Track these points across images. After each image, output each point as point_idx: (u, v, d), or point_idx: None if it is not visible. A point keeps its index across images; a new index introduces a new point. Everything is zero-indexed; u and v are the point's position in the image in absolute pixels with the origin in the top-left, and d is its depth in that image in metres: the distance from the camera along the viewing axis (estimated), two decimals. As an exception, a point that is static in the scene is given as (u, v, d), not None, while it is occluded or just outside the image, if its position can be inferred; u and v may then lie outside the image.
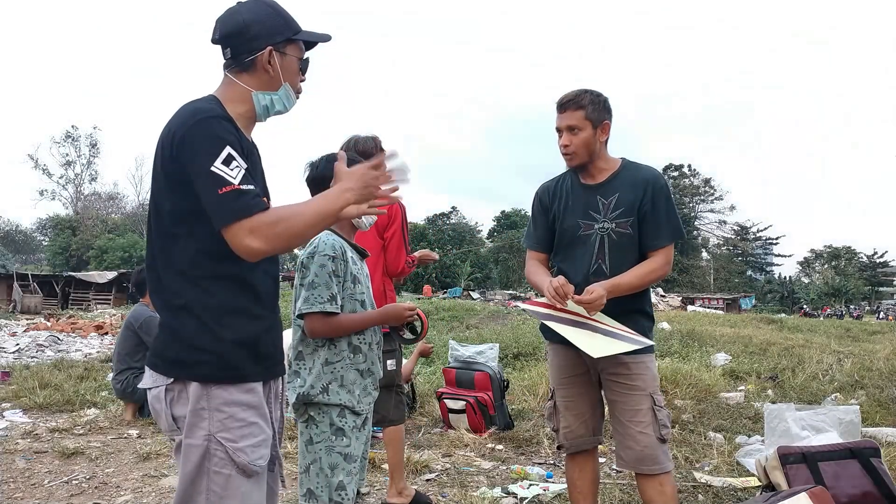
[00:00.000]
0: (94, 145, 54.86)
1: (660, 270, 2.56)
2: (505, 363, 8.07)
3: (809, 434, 3.53)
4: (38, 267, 48.99)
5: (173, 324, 1.64)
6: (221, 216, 1.51)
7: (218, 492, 1.59)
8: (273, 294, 1.79)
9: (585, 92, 2.58)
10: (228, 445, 1.59)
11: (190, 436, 1.59)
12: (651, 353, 2.59)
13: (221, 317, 1.62)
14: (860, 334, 13.39)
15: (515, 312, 17.37)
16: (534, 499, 3.55)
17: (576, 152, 2.57)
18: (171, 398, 1.62)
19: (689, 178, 64.48)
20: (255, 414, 1.64)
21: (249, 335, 1.66)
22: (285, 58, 1.75)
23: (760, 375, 7.54)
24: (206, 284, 1.61)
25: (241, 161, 1.55)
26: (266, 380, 1.74)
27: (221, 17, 1.74)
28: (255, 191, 1.54)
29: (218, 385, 1.60)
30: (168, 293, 1.64)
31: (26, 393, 6.48)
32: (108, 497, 3.65)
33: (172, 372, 1.62)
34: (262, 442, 1.66)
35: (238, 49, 1.71)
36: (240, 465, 1.60)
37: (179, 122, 1.60)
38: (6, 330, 15.05)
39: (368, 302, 2.39)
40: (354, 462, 2.25)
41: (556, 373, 2.74)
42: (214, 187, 1.51)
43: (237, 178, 1.52)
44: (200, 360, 1.59)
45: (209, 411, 1.59)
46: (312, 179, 2.40)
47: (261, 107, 1.75)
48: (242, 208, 1.50)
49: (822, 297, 50.08)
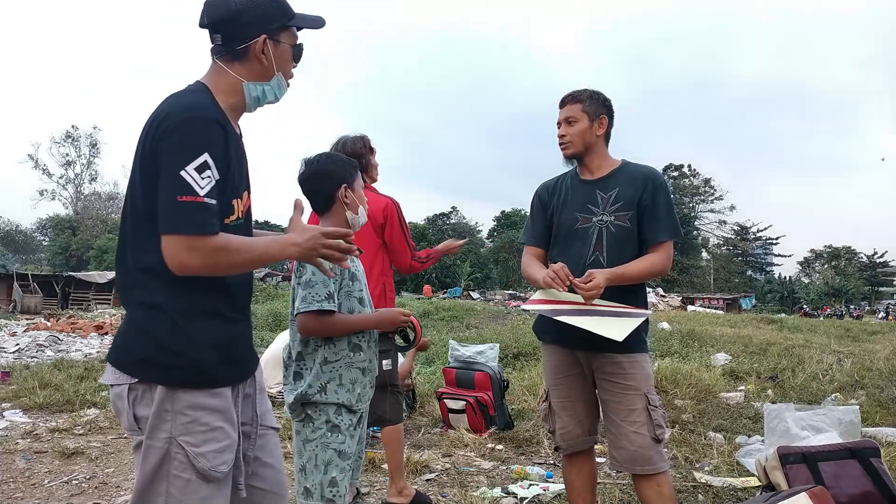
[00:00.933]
0: (94, 145, 54.99)
1: (661, 265, 2.56)
2: (505, 363, 8.07)
3: (809, 434, 3.52)
4: (38, 267, 48.99)
5: (143, 322, 1.57)
6: (171, 223, 1.45)
7: (176, 495, 1.54)
8: (247, 297, 1.75)
9: (585, 89, 2.66)
10: (189, 450, 1.53)
11: (151, 437, 1.53)
12: (645, 353, 2.59)
13: (195, 319, 1.57)
14: (860, 334, 13.39)
15: (515, 312, 17.38)
16: (534, 499, 3.55)
17: (571, 141, 2.62)
18: (133, 397, 1.55)
19: (689, 178, 64.48)
20: (220, 418, 1.58)
21: (223, 338, 1.61)
22: (279, 46, 1.67)
23: (760, 375, 7.54)
24: (180, 285, 1.53)
25: (215, 171, 1.48)
26: (236, 383, 1.68)
27: (210, 0, 1.64)
28: (215, 209, 1.48)
29: (184, 388, 1.54)
30: (140, 291, 1.57)
31: (26, 393, 6.48)
32: (108, 497, 3.65)
33: (139, 372, 1.55)
34: (226, 447, 1.59)
35: (229, 36, 1.62)
36: (200, 470, 1.54)
37: (167, 114, 1.52)
38: (6, 330, 15.04)
39: (367, 299, 2.39)
40: (349, 459, 2.25)
41: (551, 373, 2.74)
42: (175, 191, 1.44)
43: (204, 188, 1.45)
44: (170, 364, 1.53)
45: (173, 413, 1.53)
46: (309, 176, 2.36)
47: (252, 98, 1.68)
48: (196, 224, 1.44)
49: (822, 297, 50.05)
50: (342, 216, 2.38)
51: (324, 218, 2.39)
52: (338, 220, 2.38)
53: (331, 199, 2.35)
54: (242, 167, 1.69)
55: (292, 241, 1.59)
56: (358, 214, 2.40)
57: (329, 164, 2.38)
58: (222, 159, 1.52)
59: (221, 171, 1.52)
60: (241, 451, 1.68)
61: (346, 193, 2.35)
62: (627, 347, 2.49)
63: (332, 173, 2.35)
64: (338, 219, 2.38)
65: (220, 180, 1.51)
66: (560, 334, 2.66)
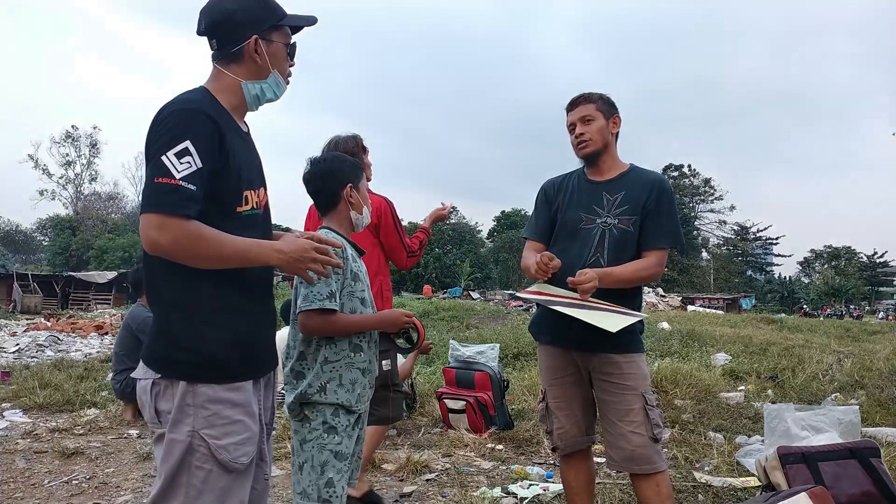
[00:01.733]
0: (94, 145, 54.86)
1: (652, 269, 2.55)
2: (505, 363, 8.07)
3: (809, 434, 3.52)
4: (38, 267, 48.94)
5: (162, 320, 1.66)
6: (145, 201, 1.51)
7: (197, 486, 1.60)
8: (265, 285, 1.80)
9: (593, 92, 2.67)
10: (211, 442, 1.60)
11: (174, 431, 1.60)
12: (642, 353, 2.59)
13: (211, 315, 1.63)
14: (860, 334, 13.37)
15: (515, 312, 17.37)
16: (534, 499, 3.54)
17: (592, 139, 2.62)
18: (156, 392, 1.63)
19: (688, 178, 64.45)
20: (241, 412, 1.65)
21: (239, 334, 1.68)
22: (272, 45, 1.75)
23: (760, 375, 7.53)
24: (195, 279, 1.60)
25: (197, 159, 1.54)
26: (256, 378, 1.74)
27: (205, 8, 1.73)
28: (192, 193, 1.52)
29: (203, 383, 1.61)
30: (159, 289, 1.66)
31: (26, 393, 6.47)
32: (108, 497, 3.65)
33: (160, 368, 1.63)
34: (247, 440, 1.66)
35: (224, 40, 1.71)
36: (221, 462, 1.61)
37: (161, 109, 1.61)
38: (6, 330, 15.04)
39: (368, 300, 2.38)
40: (345, 460, 2.24)
41: (547, 374, 2.74)
42: (153, 174, 1.52)
43: (181, 172, 1.52)
44: (185, 360, 1.61)
45: (194, 408, 1.60)
46: (315, 175, 2.35)
47: (251, 96, 1.76)
48: (167, 203, 1.49)
49: (822, 297, 50.07)
50: (346, 216, 2.37)
51: (327, 217, 2.39)
52: (341, 219, 2.37)
53: (336, 198, 2.35)
54: (252, 162, 1.77)
55: (277, 249, 1.65)
56: (362, 215, 2.40)
57: (335, 163, 2.38)
58: (211, 150, 1.58)
59: (209, 161, 1.57)
60: (264, 441, 1.76)
61: (352, 193, 2.35)
62: (624, 347, 2.49)
63: (338, 173, 2.35)
64: (341, 219, 2.37)
65: (203, 169, 1.55)
66: (556, 335, 2.66)
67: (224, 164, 1.61)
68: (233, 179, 1.65)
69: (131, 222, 52.45)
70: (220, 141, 1.60)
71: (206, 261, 1.57)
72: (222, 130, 1.62)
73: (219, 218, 1.60)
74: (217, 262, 1.59)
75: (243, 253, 1.60)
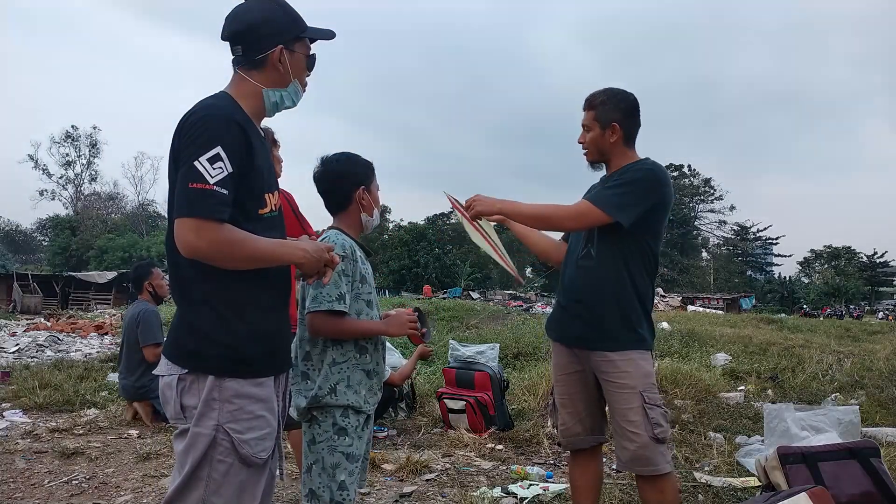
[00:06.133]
0: (94, 145, 54.95)
1: (561, 212, 2.53)
2: (505, 363, 8.05)
3: (809, 434, 3.52)
4: (38, 267, 48.99)
5: (191, 316, 1.69)
6: (181, 206, 1.56)
7: (218, 479, 1.65)
8: (287, 289, 1.86)
9: (603, 92, 2.62)
10: (235, 437, 1.64)
11: (199, 424, 1.64)
12: (643, 350, 2.52)
13: (239, 310, 1.68)
14: (860, 334, 13.35)
15: (515, 312, 17.38)
16: (534, 499, 3.54)
17: (588, 149, 2.65)
18: (182, 388, 1.66)
19: (688, 178, 64.46)
20: (263, 407, 1.70)
21: (266, 329, 1.74)
22: (294, 55, 1.81)
23: (760, 375, 7.52)
24: (223, 277, 1.65)
25: (228, 164, 1.60)
26: (278, 374, 1.81)
27: (231, 15, 1.78)
28: (225, 197, 1.58)
29: (231, 377, 1.65)
30: (186, 285, 1.69)
31: (26, 393, 6.47)
32: (108, 497, 3.65)
33: (188, 363, 1.66)
34: (267, 435, 1.71)
35: (249, 47, 1.77)
36: (242, 456, 1.66)
37: (189, 115, 1.65)
38: (6, 330, 15.03)
39: (374, 301, 2.38)
40: (357, 462, 2.24)
41: (554, 370, 2.76)
42: (187, 179, 1.56)
43: (215, 178, 1.57)
44: (218, 354, 1.65)
45: (220, 402, 1.64)
46: (327, 175, 2.34)
47: (271, 103, 1.82)
48: (203, 208, 1.55)
49: (822, 297, 49.99)
50: (356, 218, 2.37)
51: (336, 218, 2.38)
52: (351, 221, 2.37)
53: (347, 199, 2.35)
54: (269, 166, 1.83)
55: (302, 248, 1.73)
56: (373, 217, 2.40)
57: (348, 164, 2.37)
58: (239, 154, 1.64)
59: (238, 165, 1.63)
60: (278, 437, 1.80)
61: (363, 195, 2.35)
62: (621, 345, 2.47)
63: (351, 174, 2.35)
64: (351, 220, 2.37)
65: (233, 173, 1.61)
66: (559, 331, 2.69)
67: (250, 168, 1.67)
68: (256, 183, 1.71)
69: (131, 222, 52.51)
70: (247, 146, 1.66)
71: (240, 262, 1.63)
72: (248, 136, 1.68)
73: (244, 220, 1.65)
74: (249, 263, 1.65)
75: (272, 253, 1.67)
